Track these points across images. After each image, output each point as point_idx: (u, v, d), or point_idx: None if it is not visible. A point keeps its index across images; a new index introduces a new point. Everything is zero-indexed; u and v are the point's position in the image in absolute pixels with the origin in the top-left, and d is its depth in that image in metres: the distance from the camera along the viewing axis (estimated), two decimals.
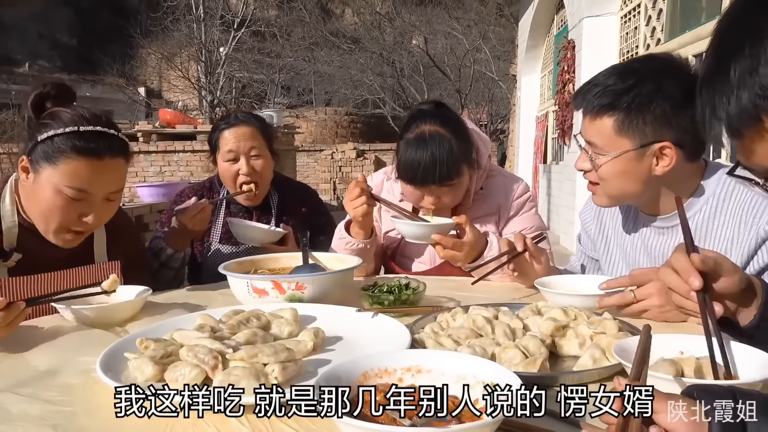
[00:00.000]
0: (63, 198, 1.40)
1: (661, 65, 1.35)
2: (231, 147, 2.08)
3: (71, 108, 1.46)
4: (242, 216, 2.19)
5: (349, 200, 1.69)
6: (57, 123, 1.41)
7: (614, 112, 1.32)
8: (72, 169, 1.38)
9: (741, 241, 1.30)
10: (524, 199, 1.91)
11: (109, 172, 1.44)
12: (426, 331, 1.12)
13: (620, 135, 1.32)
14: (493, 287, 1.66)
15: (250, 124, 2.13)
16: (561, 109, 8.10)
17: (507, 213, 1.89)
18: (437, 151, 1.66)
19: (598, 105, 1.34)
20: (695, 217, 1.39)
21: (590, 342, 1.04)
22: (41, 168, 1.40)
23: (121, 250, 1.68)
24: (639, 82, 1.31)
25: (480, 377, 0.79)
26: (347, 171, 14.79)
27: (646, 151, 1.32)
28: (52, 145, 1.38)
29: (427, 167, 1.66)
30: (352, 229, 1.78)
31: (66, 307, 1.30)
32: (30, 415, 0.84)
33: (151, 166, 9.33)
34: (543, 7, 9.83)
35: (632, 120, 1.30)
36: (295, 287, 1.32)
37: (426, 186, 1.71)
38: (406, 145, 1.72)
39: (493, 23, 20.48)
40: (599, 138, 1.36)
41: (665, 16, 5.74)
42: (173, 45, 20.02)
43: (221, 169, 2.13)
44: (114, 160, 1.44)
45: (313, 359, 1.01)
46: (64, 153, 1.38)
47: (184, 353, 0.93)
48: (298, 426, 0.79)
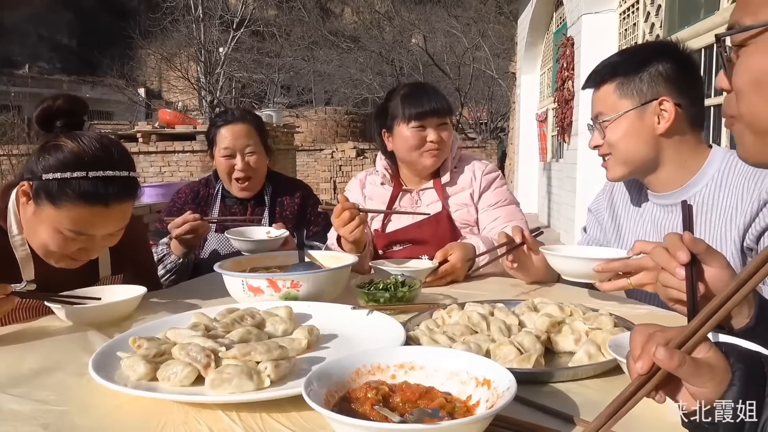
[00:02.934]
0: (62, 237, 1.32)
1: (655, 44, 1.52)
2: (227, 144, 2.19)
3: (80, 138, 1.33)
4: (237, 208, 2.24)
5: (342, 225, 1.65)
6: (63, 157, 1.29)
7: (614, 78, 1.43)
8: (75, 216, 1.29)
9: (744, 207, 1.32)
10: (494, 175, 2.06)
11: (114, 216, 1.35)
12: (421, 328, 1.12)
13: (621, 97, 1.42)
14: (491, 284, 1.65)
15: (245, 121, 2.24)
16: (560, 107, 8.09)
17: (479, 186, 2.02)
18: (433, 90, 2.02)
19: (600, 75, 1.46)
20: (701, 192, 1.41)
21: (586, 338, 1.03)
22: (43, 204, 1.30)
23: (129, 259, 1.64)
24: (636, 53, 1.47)
25: (473, 373, 0.79)
26: (347, 170, 14.78)
27: (646, 109, 1.40)
28: (56, 185, 1.28)
29: (432, 97, 1.96)
30: (344, 246, 1.76)
31: (60, 307, 1.30)
32: (21, 415, 0.84)
33: (150, 167, 9.33)
34: (542, 5, 9.82)
35: (630, 80, 1.41)
36: (290, 285, 1.32)
37: (432, 118, 1.95)
38: (406, 93, 1.99)
39: (492, 21, 20.48)
40: (604, 105, 1.45)
41: (664, 12, 5.73)
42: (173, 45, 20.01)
43: (218, 163, 2.24)
44: (121, 205, 1.35)
45: (307, 357, 1.01)
46: (68, 198, 1.28)
47: (177, 352, 0.92)
48: (291, 423, 0.79)
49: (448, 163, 2.03)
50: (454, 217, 1.98)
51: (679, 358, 0.64)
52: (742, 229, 1.31)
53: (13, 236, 1.40)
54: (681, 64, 1.40)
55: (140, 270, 1.70)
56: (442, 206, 1.99)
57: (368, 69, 23.15)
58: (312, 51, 23.88)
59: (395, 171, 2.09)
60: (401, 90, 2.03)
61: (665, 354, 0.64)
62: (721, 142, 4.41)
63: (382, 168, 2.08)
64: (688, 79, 1.41)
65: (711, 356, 0.65)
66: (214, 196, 2.28)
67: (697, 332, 0.66)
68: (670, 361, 0.64)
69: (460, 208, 1.99)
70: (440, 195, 2.00)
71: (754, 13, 0.78)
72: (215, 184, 2.31)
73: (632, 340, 0.71)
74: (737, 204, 1.35)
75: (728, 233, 1.33)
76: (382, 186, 2.08)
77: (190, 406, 0.84)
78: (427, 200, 2.02)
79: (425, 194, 2.03)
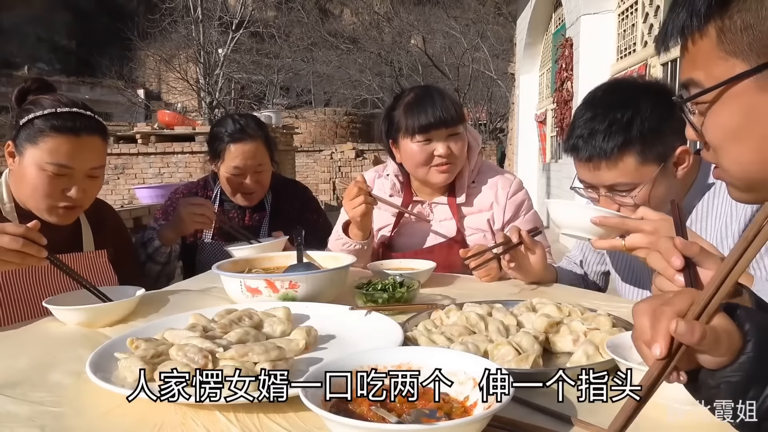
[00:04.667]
0: (46, 175, 1.51)
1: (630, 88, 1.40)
2: (238, 164, 2.10)
3: (52, 94, 1.59)
4: (235, 214, 2.21)
5: (348, 200, 1.68)
6: (37, 107, 1.53)
7: (631, 147, 1.31)
8: (52, 147, 1.50)
9: (738, 214, 1.32)
10: (521, 197, 1.88)
11: (87, 148, 1.56)
12: (419, 328, 1.12)
13: (644, 164, 1.33)
14: (489, 284, 1.65)
15: (256, 139, 2.12)
16: (559, 107, 8.10)
17: (503, 212, 1.86)
18: (440, 95, 1.79)
19: (612, 147, 1.32)
20: (697, 208, 1.41)
21: (584, 338, 1.03)
22: (24, 150, 1.52)
23: (109, 242, 1.75)
24: (632, 105, 1.32)
25: (470, 374, 0.78)
26: (346, 171, 14.77)
27: (668, 164, 1.35)
28: (33, 127, 1.51)
29: (438, 105, 1.75)
30: (350, 231, 1.77)
31: (59, 308, 1.29)
32: (18, 416, 0.84)
33: (150, 168, 9.31)
34: (541, 6, 9.83)
35: (649, 145, 1.32)
36: (288, 286, 1.31)
37: (439, 130, 1.76)
38: (410, 102, 1.80)
39: (491, 22, 20.49)
40: (625, 177, 1.34)
41: (662, 13, 5.74)
42: (172, 47, 20.02)
43: (224, 178, 2.16)
44: (91, 137, 1.57)
45: (305, 358, 1.01)
46: (43, 132, 1.50)
47: (174, 353, 0.92)
48: (288, 424, 0.78)
49: (465, 177, 1.85)
50: (469, 242, 1.81)
51: (701, 331, 0.59)
52: (737, 235, 1.30)
53: (4, 204, 1.59)
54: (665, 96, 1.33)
55: (120, 252, 1.78)
56: (456, 229, 1.83)
57: (367, 70, 23.16)
58: (311, 52, 23.88)
59: (406, 179, 1.93)
60: (405, 97, 1.84)
61: (686, 328, 0.59)
62: None
63: (393, 175, 1.93)
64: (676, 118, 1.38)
65: (723, 322, 0.61)
66: (212, 200, 2.22)
67: (711, 300, 0.62)
68: (692, 336, 0.59)
69: (476, 233, 1.84)
70: (455, 215, 1.84)
71: (704, 68, 0.78)
72: (213, 187, 2.26)
73: (637, 321, 0.65)
74: (732, 211, 1.34)
75: (724, 240, 1.33)
76: (391, 198, 1.91)
77: (188, 407, 0.83)
78: (439, 215, 1.88)
79: (438, 208, 1.88)
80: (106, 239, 1.76)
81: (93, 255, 1.68)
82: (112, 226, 1.86)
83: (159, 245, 1.92)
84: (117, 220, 1.95)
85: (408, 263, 1.68)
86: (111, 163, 9.33)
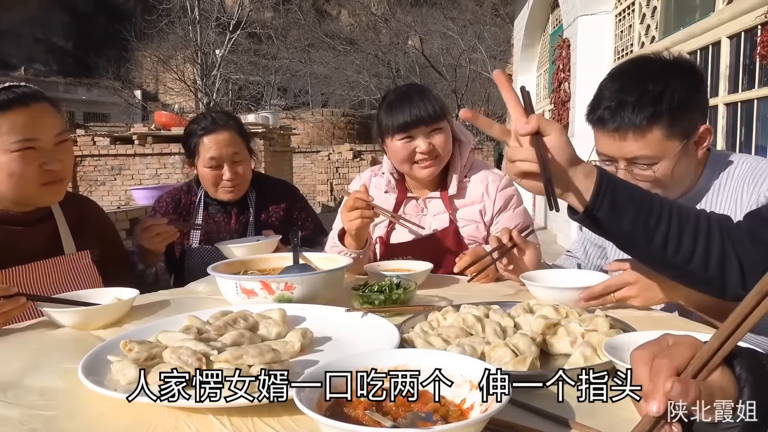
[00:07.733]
0: (16, 156, 1.49)
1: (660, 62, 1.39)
2: (213, 155, 2.09)
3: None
4: (220, 216, 2.20)
5: (345, 212, 1.68)
6: None
7: (660, 119, 1.31)
8: (9, 126, 1.49)
9: (742, 210, 1.32)
10: (510, 192, 1.91)
11: (41, 116, 1.54)
12: (415, 330, 1.11)
13: (669, 138, 1.33)
14: (486, 286, 1.64)
15: (228, 127, 2.12)
16: (557, 108, 8.10)
17: (493, 203, 1.89)
18: (419, 94, 1.83)
19: (642, 118, 1.31)
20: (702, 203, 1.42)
21: (581, 340, 1.02)
22: None
23: (94, 242, 1.71)
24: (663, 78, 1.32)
25: (467, 376, 0.78)
26: (344, 172, 14.76)
27: (690, 142, 1.36)
28: None
29: (416, 104, 1.78)
30: (345, 240, 1.76)
31: (54, 310, 1.28)
32: (9, 420, 0.83)
33: (146, 169, 9.30)
34: (538, 7, 9.84)
35: (678, 119, 1.32)
36: (284, 287, 1.30)
37: (418, 128, 1.79)
38: (390, 102, 1.84)
39: (488, 23, 20.54)
40: (649, 149, 1.34)
41: (659, 14, 5.75)
42: (169, 48, 20.02)
43: (202, 173, 2.14)
44: (40, 104, 1.54)
45: (300, 360, 1.00)
46: None
47: (168, 355, 0.91)
48: (282, 428, 0.77)
49: (457, 170, 1.90)
50: (462, 233, 1.87)
51: (695, 392, 0.60)
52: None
53: None
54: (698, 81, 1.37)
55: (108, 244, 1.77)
56: (449, 220, 1.88)
57: (365, 71, 23.18)
58: (308, 53, 23.91)
59: (401, 176, 1.97)
60: (388, 97, 1.89)
61: (680, 390, 0.60)
62: (717, 144, 4.42)
63: (389, 173, 1.97)
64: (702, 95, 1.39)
65: (719, 376, 0.62)
66: (197, 204, 2.20)
67: (711, 359, 0.63)
68: (686, 398, 0.60)
69: (469, 224, 1.89)
70: (448, 207, 1.89)
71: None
72: (197, 191, 2.23)
73: (636, 371, 0.65)
74: (736, 207, 1.35)
75: None
76: (386, 194, 1.97)
77: (181, 410, 0.82)
78: (433, 209, 1.92)
79: (432, 203, 1.93)
80: (90, 239, 1.72)
81: (75, 257, 1.64)
82: (97, 225, 1.82)
83: (143, 268, 1.90)
84: (102, 219, 1.91)
85: (405, 264, 1.67)
86: (108, 164, 9.32)
